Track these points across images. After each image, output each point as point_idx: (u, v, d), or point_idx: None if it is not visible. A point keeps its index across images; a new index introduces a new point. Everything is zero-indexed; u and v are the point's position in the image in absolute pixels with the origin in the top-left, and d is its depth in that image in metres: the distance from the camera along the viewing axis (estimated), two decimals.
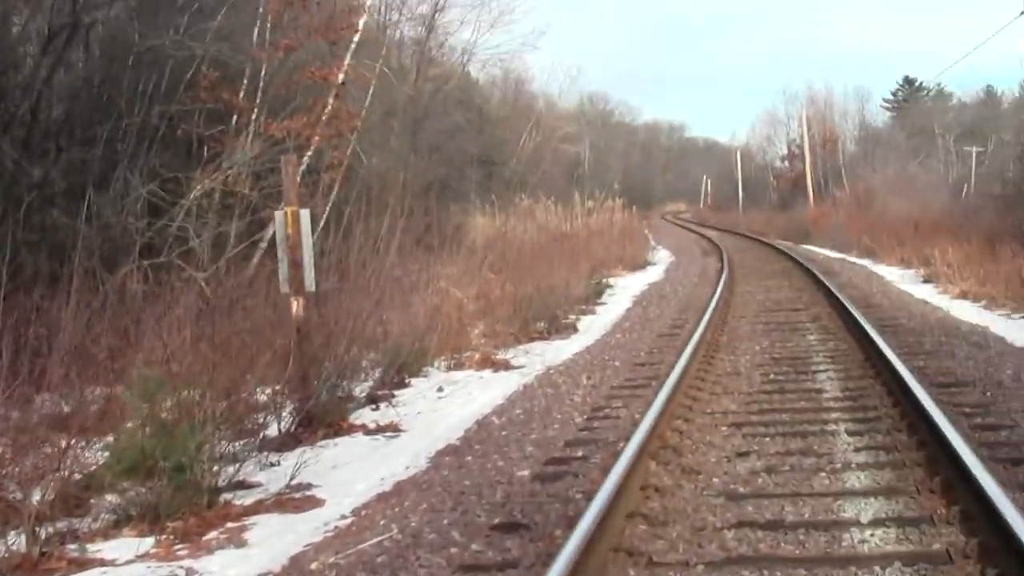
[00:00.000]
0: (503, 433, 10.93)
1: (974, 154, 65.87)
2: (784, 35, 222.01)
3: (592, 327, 20.33)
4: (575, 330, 20.12)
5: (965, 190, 52.88)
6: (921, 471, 8.31)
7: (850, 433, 9.91)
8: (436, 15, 34.15)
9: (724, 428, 10.39)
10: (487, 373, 15.42)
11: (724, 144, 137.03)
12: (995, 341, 15.99)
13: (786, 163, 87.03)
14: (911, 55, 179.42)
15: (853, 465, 8.74)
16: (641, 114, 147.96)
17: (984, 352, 14.65)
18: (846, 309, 18.29)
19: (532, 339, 18.68)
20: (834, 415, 10.78)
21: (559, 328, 20.00)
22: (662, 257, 43.08)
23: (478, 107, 48.61)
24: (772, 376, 13.30)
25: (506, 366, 15.89)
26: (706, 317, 18.03)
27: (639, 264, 37.02)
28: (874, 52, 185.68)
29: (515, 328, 18.93)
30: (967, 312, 20.63)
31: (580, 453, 9.76)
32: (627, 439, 9.11)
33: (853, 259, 38.06)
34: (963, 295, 23.82)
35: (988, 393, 11.53)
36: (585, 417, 11.41)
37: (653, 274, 33.44)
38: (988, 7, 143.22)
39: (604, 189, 52.48)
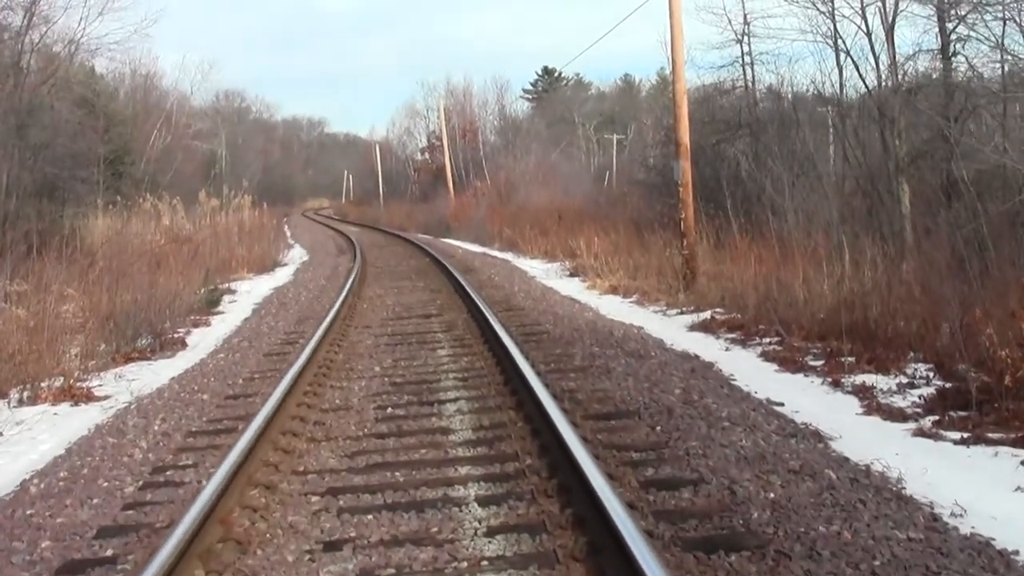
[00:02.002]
0: (29, 512, 7.84)
1: (615, 141, 66.40)
2: (423, 30, 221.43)
3: (202, 342, 17.47)
4: (184, 346, 17.35)
5: (607, 178, 52.69)
6: (580, 570, 5.85)
7: (482, 503, 7.29)
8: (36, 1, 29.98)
9: (316, 499, 7.60)
10: (64, 408, 12.41)
11: (365, 139, 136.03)
12: (655, 347, 14.06)
13: (426, 155, 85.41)
14: (551, 48, 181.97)
15: (485, 562, 6.15)
16: (280, 110, 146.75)
17: (645, 364, 12.51)
18: (484, 315, 16.00)
19: (132, 359, 15.90)
20: (463, 471, 8.15)
21: (166, 344, 17.22)
22: (295, 256, 40.21)
23: (103, 104, 45.17)
24: (390, 411, 10.55)
25: (88, 397, 12.92)
26: (323, 328, 15.42)
27: (268, 266, 33.95)
28: (515, 45, 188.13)
29: (116, 346, 16.25)
30: (619, 310, 18.96)
31: (110, 552, 6.81)
32: (178, 525, 6.30)
33: (495, 253, 36.42)
34: (613, 290, 22.31)
35: (658, 427, 9.17)
36: (139, 484, 8.39)
37: (282, 276, 30.49)
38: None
39: (243, 187, 50.11)
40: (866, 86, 25.84)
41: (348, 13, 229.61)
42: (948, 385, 10.63)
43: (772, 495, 7.07)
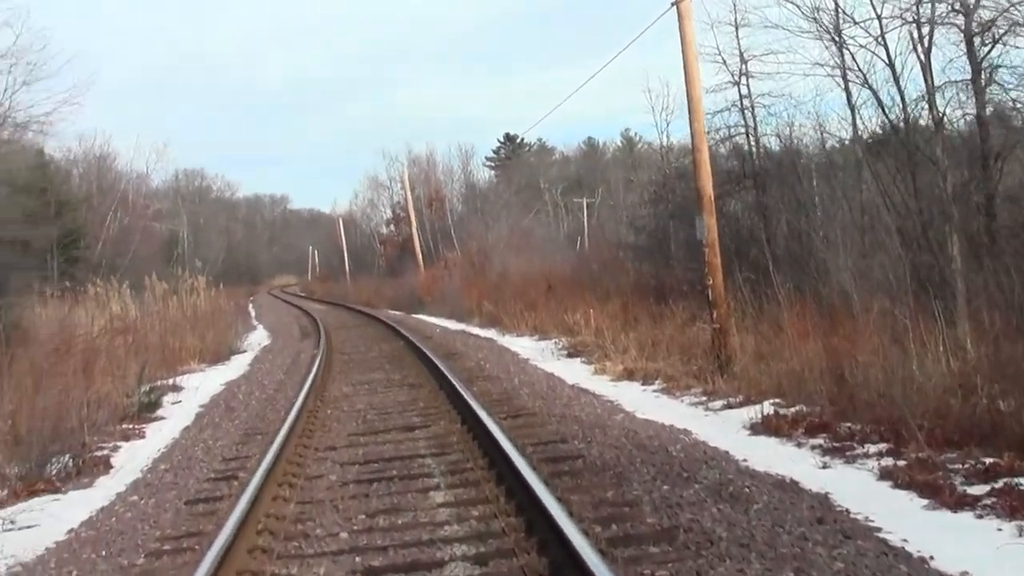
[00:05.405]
0: None
1: (584, 205, 64.26)
2: (381, 99, 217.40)
3: (128, 465, 13.55)
4: (107, 469, 13.53)
5: (579, 242, 50.67)
6: None
7: None
8: None
9: None
10: None
11: (328, 214, 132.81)
12: (733, 470, 10.17)
13: (392, 227, 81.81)
14: (514, 117, 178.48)
15: None
16: (241, 188, 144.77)
17: (748, 512, 8.47)
18: (485, 427, 12.03)
19: (37, 491, 12.29)
20: None
21: (86, 466, 13.46)
22: (256, 341, 36.12)
23: (54, 187, 43.85)
24: None
25: None
26: (272, 454, 11.50)
27: (223, 355, 29.88)
28: (475, 114, 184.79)
29: (22, 471, 12.80)
30: (649, 405, 15.28)
31: None
32: None
33: (476, 330, 32.68)
34: (628, 374, 18.66)
35: None
36: None
37: (237, 367, 26.43)
38: (587, 62, 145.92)
39: (206, 267, 47.14)
40: (891, 123, 22.28)
41: (305, 86, 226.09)
42: None
43: None
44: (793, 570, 6.92)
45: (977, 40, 19.95)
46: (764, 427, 12.78)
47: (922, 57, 21.04)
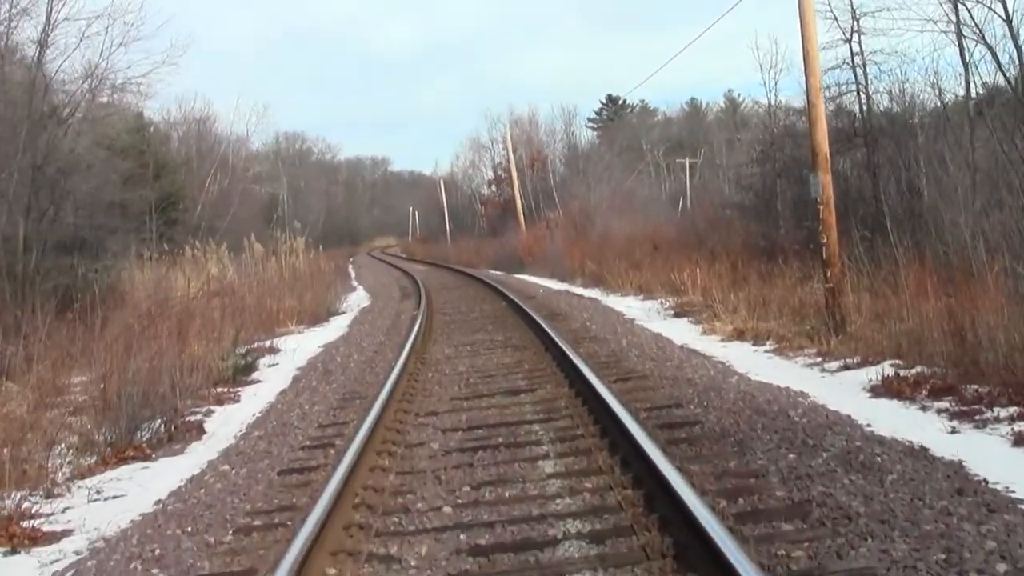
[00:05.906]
0: None
1: (687, 166, 63.70)
2: (483, 63, 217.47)
3: (220, 431, 13.09)
4: (199, 434, 13.07)
5: (682, 203, 50.51)
6: None
7: None
8: (50, 31, 25.85)
9: None
10: None
11: (429, 175, 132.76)
12: (859, 435, 9.58)
13: (493, 188, 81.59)
14: (616, 77, 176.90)
15: None
16: (341, 150, 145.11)
17: (884, 483, 7.73)
18: (595, 391, 11.34)
19: (127, 458, 11.82)
20: None
21: (178, 432, 12.98)
22: (355, 302, 35.65)
23: (153, 150, 44.43)
24: None
25: (32, 539, 8.71)
26: (370, 420, 10.91)
27: (322, 316, 29.42)
28: (576, 76, 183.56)
29: (112, 436, 12.34)
30: (762, 366, 14.65)
31: None
32: None
33: (579, 290, 32.02)
34: (738, 335, 18.04)
35: None
36: None
37: (335, 329, 25.92)
38: (688, 27, 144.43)
39: (306, 229, 47.02)
40: (1007, 80, 21.40)
41: (406, 51, 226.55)
42: None
43: None
44: (943, 550, 6.20)
45: None
46: (885, 389, 12.09)
47: None
